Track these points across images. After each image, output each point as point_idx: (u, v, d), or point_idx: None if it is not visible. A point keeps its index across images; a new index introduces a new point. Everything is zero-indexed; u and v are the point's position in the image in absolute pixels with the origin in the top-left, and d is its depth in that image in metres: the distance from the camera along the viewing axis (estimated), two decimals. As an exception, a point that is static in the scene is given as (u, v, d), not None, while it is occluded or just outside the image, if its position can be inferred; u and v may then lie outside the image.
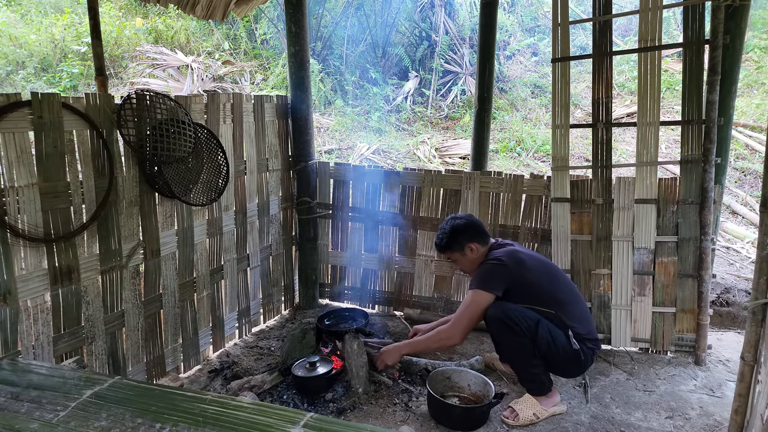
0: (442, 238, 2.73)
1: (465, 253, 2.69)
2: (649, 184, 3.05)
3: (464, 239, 2.67)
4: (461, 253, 2.70)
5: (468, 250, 2.68)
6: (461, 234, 2.68)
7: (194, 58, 8.37)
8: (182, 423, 1.06)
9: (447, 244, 2.72)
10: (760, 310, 1.60)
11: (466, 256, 2.69)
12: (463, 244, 2.67)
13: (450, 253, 2.74)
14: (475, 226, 2.73)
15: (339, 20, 9.20)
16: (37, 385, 1.22)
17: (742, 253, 4.86)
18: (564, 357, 2.49)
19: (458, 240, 2.68)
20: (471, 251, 2.67)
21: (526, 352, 2.47)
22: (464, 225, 2.71)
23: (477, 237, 2.69)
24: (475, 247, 2.67)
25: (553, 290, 2.57)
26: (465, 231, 2.69)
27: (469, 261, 2.70)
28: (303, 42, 3.47)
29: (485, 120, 3.62)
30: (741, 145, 6.63)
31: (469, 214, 2.91)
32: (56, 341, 2.24)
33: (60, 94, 2.20)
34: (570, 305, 2.58)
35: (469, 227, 2.71)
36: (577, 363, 2.54)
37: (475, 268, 2.68)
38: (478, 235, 2.70)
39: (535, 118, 8.12)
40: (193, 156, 2.73)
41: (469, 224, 2.72)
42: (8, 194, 2.01)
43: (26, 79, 7.79)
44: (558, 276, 2.69)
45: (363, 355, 2.80)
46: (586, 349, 2.53)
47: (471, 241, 2.67)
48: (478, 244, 2.68)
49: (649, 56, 2.96)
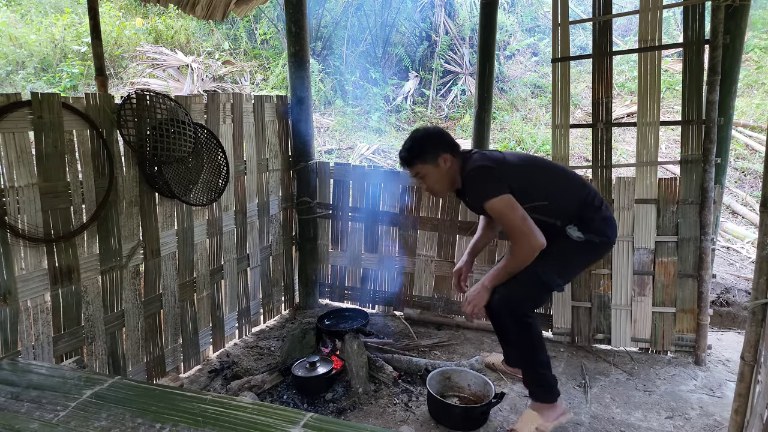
0: (412, 146, 2.34)
1: (438, 165, 2.32)
2: (649, 184, 3.05)
3: (439, 148, 2.32)
4: (434, 165, 2.33)
5: (442, 161, 2.32)
6: (436, 141, 2.34)
7: (194, 58, 8.38)
8: (182, 423, 1.06)
9: (418, 154, 2.33)
10: (760, 310, 1.60)
11: (439, 169, 2.33)
12: (438, 154, 2.31)
13: (421, 165, 2.34)
14: (448, 135, 2.41)
15: (339, 20, 9.20)
16: (37, 385, 1.22)
17: (742, 253, 4.86)
18: (580, 253, 2.34)
19: (432, 148, 2.32)
20: (444, 162, 2.32)
21: (535, 345, 2.32)
22: (439, 132, 2.39)
23: (451, 147, 2.36)
24: (449, 159, 2.33)
25: (542, 180, 2.36)
26: (440, 139, 2.36)
27: (441, 175, 2.35)
28: (303, 42, 3.47)
29: (485, 120, 3.62)
30: (741, 145, 6.63)
31: (438, 126, 2.55)
32: (56, 341, 2.24)
33: (60, 94, 2.20)
34: (565, 190, 2.36)
35: (444, 135, 2.38)
36: (594, 248, 2.36)
37: (444, 185, 2.39)
38: (452, 145, 2.37)
39: (535, 118, 8.12)
40: (193, 156, 2.73)
41: (443, 132, 2.40)
42: (8, 194, 2.01)
43: (26, 79, 7.79)
44: (542, 164, 2.49)
45: (363, 355, 2.80)
46: (597, 231, 2.32)
47: (446, 151, 2.33)
48: (452, 156, 2.34)
49: (649, 56, 2.96)
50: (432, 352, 3.19)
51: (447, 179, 2.37)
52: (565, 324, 3.27)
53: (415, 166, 2.35)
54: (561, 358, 3.13)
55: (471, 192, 2.35)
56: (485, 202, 2.21)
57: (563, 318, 3.27)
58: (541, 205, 2.29)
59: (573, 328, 3.26)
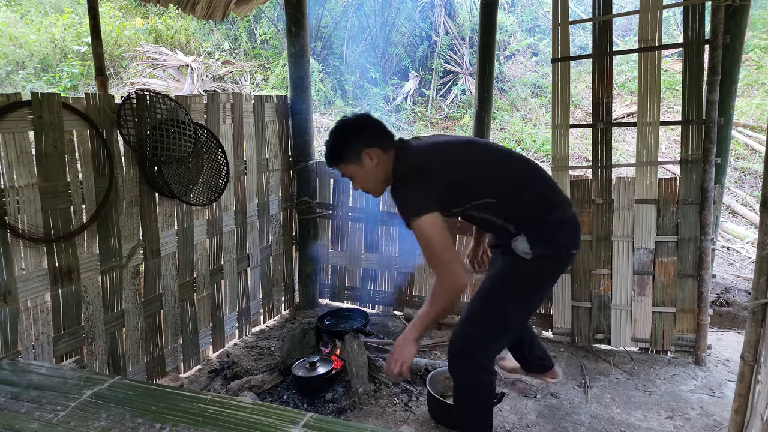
0: (332, 145, 2.00)
1: (362, 163, 1.96)
2: (649, 184, 3.05)
3: (361, 143, 1.95)
4: (358, 164, 1.97)
5: (366, 158, 1.95)
6: (354, 137, 1.97)
7: (194, 58, 8.37)
8: (182, 423, 1.07)
9: (337, 154, 1.99)
10: (760, 310, 1.60)
11: (364, 167, 1.97)
12: (360, 150, 1.94)
13: (344, 166, 2.00)
14: (373, 125, 2.01)
15: (339, 20, 9.20)
16: (37, 385, 1.22)
17: (742, 253, 4.86)
18: (531, 280, 1.99)
19: (353, 144, 1.96)
20: (370, 159, 1.95)
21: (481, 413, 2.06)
22: (359, 124, 2.00)
23: (376, 140, 1.97)
24: (376, 155, 1.95)
25: (493, 171, 1.99)
26: (359, 133, 1.98)
27: (368, 174, 1.99)
28: (303, 42, 3.47)
29: (485, 120, 3.62)
30: (741, 145, 6.63)
31: (365, 112, 2.10)
32: (56, 341, 2.24)
33: (60, 94, 2.20)
34: (519, 184, 1.99)
35: (366, 126, 2.00)
36: (548, 269, 2.00)
37: (375, 186, 2.03)
38: (378, 137, 1.98)
39: (535, 118, 8.12)
40: (193, 156, 2.73)
41: (365, 122, 2.01)
42: (8, 194, 2.01)
43: (26, 79, 7.79)
44: (491, 151, 2.10)
45: (363, 355, 2.80)
46: (548, 241, 1.95)
47: (370, 146, 1.94)
48: (378, 149, 1.95)
49: (649, 56, 2.96)
50: (432, 352, 3.19)
51: (376, 178, 2.00)
52: (565, 324, 3.27)
53: (339, 167, 2.01)
54: (561, 358, 3.13)
55: (396, 203, 1.94)
56: (409, 221, 1.84)
57: (563, 318, 3.27)
58: (491, 203, 1.95)
59: (573, 328, 3.26)
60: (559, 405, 2.67)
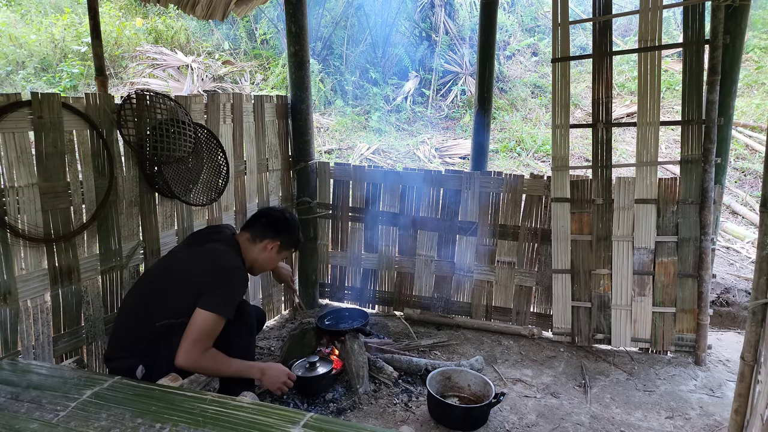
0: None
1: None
2: (649, 184, 3.05)
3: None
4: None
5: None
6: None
7: (194, 58, 8.38)
8: (182, 423, 1.07)
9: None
10: (760, 310, 1.60)
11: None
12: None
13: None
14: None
15: (339, 20, 9.20)
16: (37, 385, 1.22)
17: (742, 253, 4.86)
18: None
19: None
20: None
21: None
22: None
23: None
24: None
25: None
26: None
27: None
28: (303, 42, 3.47)
29: (485, 120, 3.62)
30: (741, 145, 6.63)
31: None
32: (56, 341, 2.24)
33: (60, 94, 2.20)
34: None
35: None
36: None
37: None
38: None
39: (535, 118, 8.13)
40: (193, 156, 2.73)
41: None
42: (8, 194, 2.01)
43: (26, 79, 7.79)
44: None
45: (363, 355, 2.80)
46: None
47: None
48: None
49: (649, 56, 2.96)
50: (432, 352, 3.19)
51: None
52: (565, 324, 3.27)
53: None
54: (561, 358, 3.13)
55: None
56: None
57: (563, 318, 3.27)
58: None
59: (573, 328, 3.26)
60: (559, 405, 2.67)
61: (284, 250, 2.52)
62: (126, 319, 2.22)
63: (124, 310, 2.27)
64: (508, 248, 3.38)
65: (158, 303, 2.16)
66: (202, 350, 2.11)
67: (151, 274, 2.35)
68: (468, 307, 3.53)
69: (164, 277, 2.26)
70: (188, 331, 2.09)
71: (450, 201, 3.45)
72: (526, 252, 3.36)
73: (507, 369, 3.02)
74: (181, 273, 2.21)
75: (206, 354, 2.12)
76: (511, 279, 3.40)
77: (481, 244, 3.42)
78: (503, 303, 3.46)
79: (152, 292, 2.21)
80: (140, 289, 2.27)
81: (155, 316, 2.12)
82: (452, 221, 3.47)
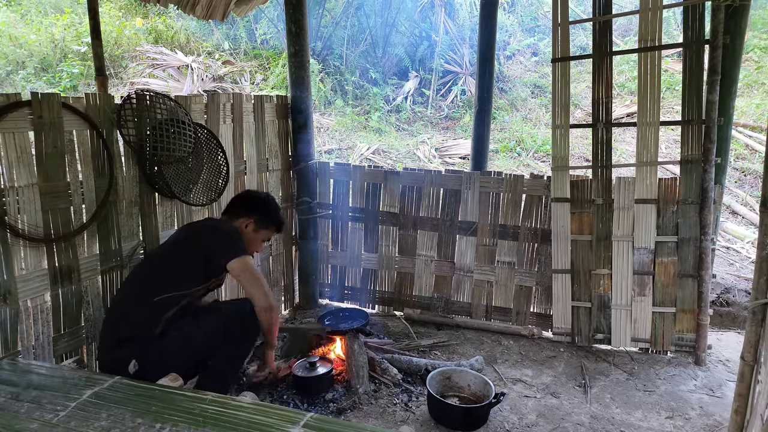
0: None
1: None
2: (649, 184, 3.05)
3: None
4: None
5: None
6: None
7: (194, 58, 8.38)
8: (182, 423, 1.07)
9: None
10: (760, 310, 1.60)
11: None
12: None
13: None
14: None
15: (339, 20, 9.20)
16: (37, 385, 1.22)
17: (742, 253, 4.86)
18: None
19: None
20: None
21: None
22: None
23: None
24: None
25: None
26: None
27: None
28: (303, 42, 3.47)
29: (485, 120, 3.62)
30: (741, 145, 6.63)
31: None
32: (56, 341, 2.24)
33: (60, 94, 2.20)
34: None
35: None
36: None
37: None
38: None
39: (535, 118, 8.13)
40: (193, 156, 2.73)
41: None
42: (8, 194, 2.00)
43: (26, 79, 7.79)
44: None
45: (363, 355, 2.80)
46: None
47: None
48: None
49: (649, 56, 2.96)
50: (432, 352, 3.19)
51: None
52: (565, 324, 3.27)
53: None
54: (561, 358, 3.13)
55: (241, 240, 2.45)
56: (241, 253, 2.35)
57: (563, 318, 3.27)
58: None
59: (573, 328, 3.26)
60: (559, 405, 2.67)
61: (262, 229, 2.56)
62: (121, 304, 2.27)
63: (118, 298, 2.35)
64: (508, 248, 3.38)
65: (157, 279, 2.24)
66: (268, 288, 2.34)
67: (137, 268, 2.39)
68: (468, 307, 3.53)
69: (161, 257, 2.36)
70: (244, 281, 2.32)
71: (450, 201, 3.45)
72: (526, 252, 3.36)
73: (507, 369, 3.02)
74: (181, 249, 2.33)
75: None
76: (511, 279, 3.41)
77: (481, 244, 3.42)
78: (503, 303, 3.46)
79: (150, 271, 2.30)
80: (135, 275, 2.33)
81: (153, 292, 2.18)
82: (452, 221, 3.46)
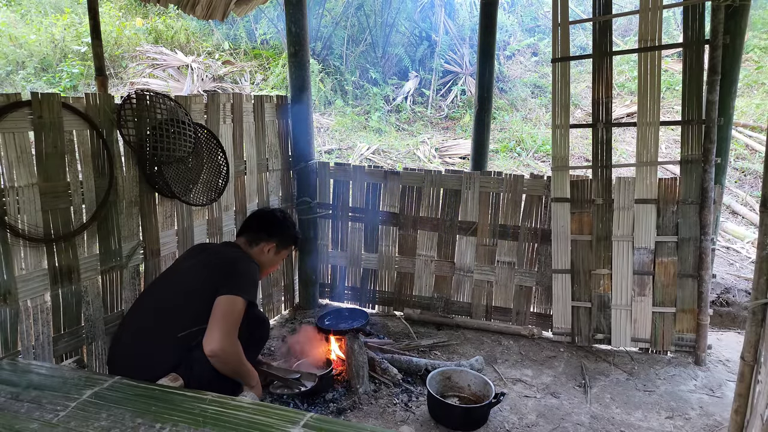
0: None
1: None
2: (649, 184, 3.05)
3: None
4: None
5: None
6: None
7: (194, 58, 8.38)
8: (182, 423, 1.07)
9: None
10: (760, 310, 1.60)
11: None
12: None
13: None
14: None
15: (339, 20, 9.20)
16: (37, 385, 1.22)
17: (742, 253, 4.86)
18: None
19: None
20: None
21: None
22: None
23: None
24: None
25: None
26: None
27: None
28: (303, 42, 3.47)
29: (485, 120, 3.62)
30: (741, 145, 6.63)
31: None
32: (56, 341, 2.24)
33: (60, 94, 2.20)
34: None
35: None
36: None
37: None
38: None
39: (535, 118, 8.13)
40: (193, 156, 2.73)
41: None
42: (8, 194, 2.00)
43: (26, 79, 7.79)
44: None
45: (363, 355, 2.80)
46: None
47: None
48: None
49: (649, 56, 2.96)
50: (432, 352, 3.19)
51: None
52: (565, 324, 3.27)
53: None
54: (561, 358, 3.13)
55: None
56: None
57: (563, 318, 3.27)
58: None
59: (573, 328, 3.26)
60: (559, 405, 2.67)
61: (283, 249, 2.53)
62: (146, 333, 2.12)
63: (141, 324, 2.17)
64: (508, 248, 3.38)
65: (173, 315, 2.11)
66: (233, 335, 2.06)
67: (156, 290, 2.28)
68: (468, 307, 3.53)
69: (173, 288, 2.23)
70: (214, 318, 2.03)
71: (450, 201, 3.45)
72: (526, 252, 3.36)
73: (507, 369, 3.02)
74: (201, 282, 2.16)
75: (237, 341, 2.07)
76: (511, 279, 3.41)
77: (481, 244, 3.42)
78: (503, 303, 3.46)
79: (164, 308, 2.15)
80: (147, 309, 2.20)
81: (175, 329, 2.06)
82: (452, 221, 3.46)
